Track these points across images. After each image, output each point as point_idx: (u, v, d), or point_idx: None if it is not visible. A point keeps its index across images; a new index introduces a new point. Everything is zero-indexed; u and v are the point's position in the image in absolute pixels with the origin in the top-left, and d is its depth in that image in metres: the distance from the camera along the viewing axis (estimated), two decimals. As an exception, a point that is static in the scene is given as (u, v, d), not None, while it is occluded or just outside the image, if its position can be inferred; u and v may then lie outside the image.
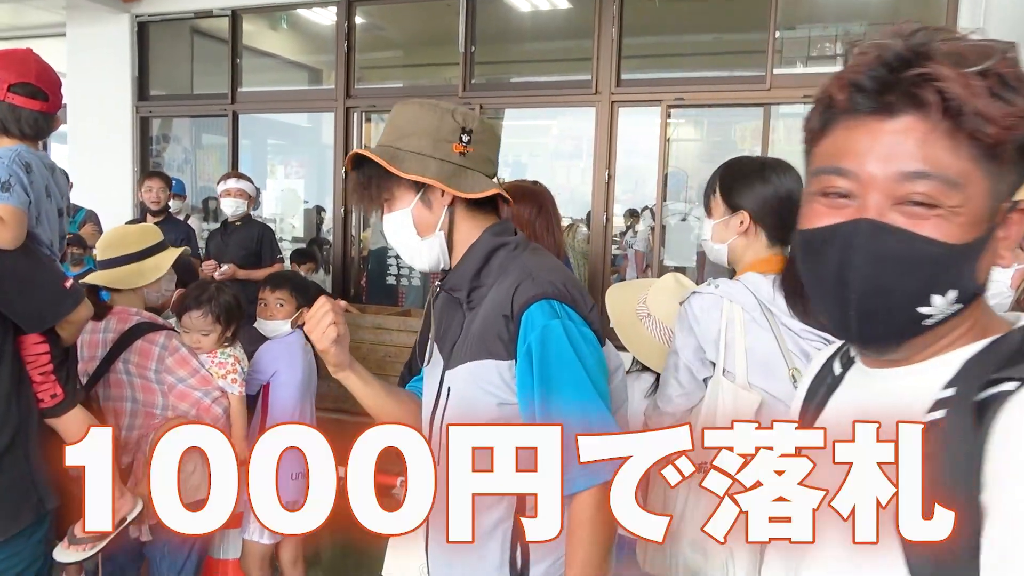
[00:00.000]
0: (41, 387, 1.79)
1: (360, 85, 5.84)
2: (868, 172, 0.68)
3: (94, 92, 6.38)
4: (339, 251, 5.88)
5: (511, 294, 1.27)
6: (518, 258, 1.34)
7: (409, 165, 1.31)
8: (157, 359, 2.32)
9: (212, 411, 2.37)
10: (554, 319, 1.24)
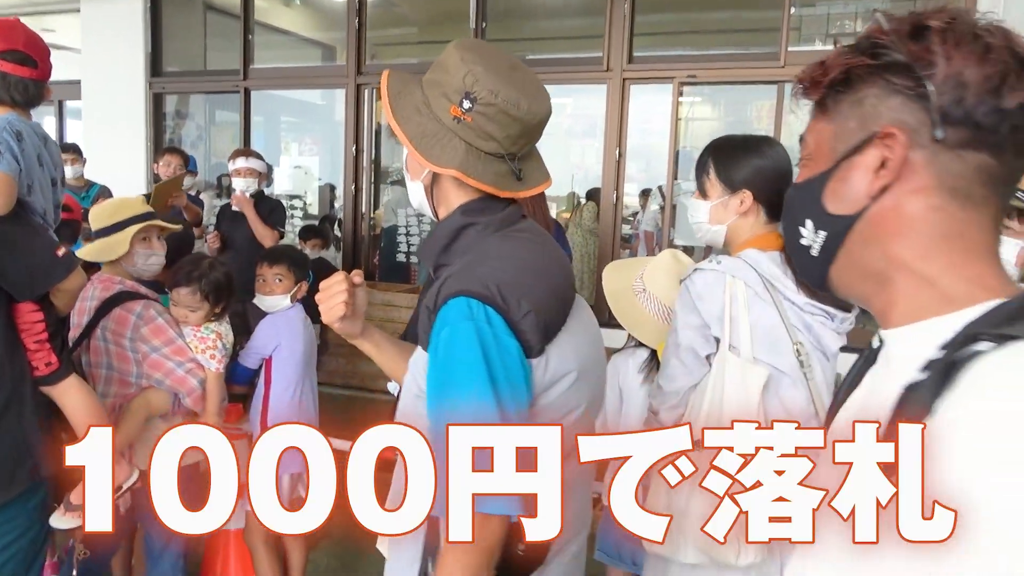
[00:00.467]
0: (36, 355, 1.80)
1: (373, 62, 5.83)
2: None
3: (108, 68, 6.41)
4: (350, 229, 5.89)
5: (441, 284, 1.20)
6: (482, 243, 1.26)
7: (400, 108, 1.25)
8: (132, 327, 2.33)
9: (186, 382, 2.38)
10: (467, 320, 1.13)
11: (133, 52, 6.33)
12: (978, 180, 0.69)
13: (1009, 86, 0.66)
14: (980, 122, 0.67)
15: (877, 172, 0.71)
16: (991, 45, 0.66)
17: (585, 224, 6.33)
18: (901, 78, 0.69)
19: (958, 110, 0.67)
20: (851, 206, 0.73)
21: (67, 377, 1.86)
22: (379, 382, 4.72)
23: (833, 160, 0.74)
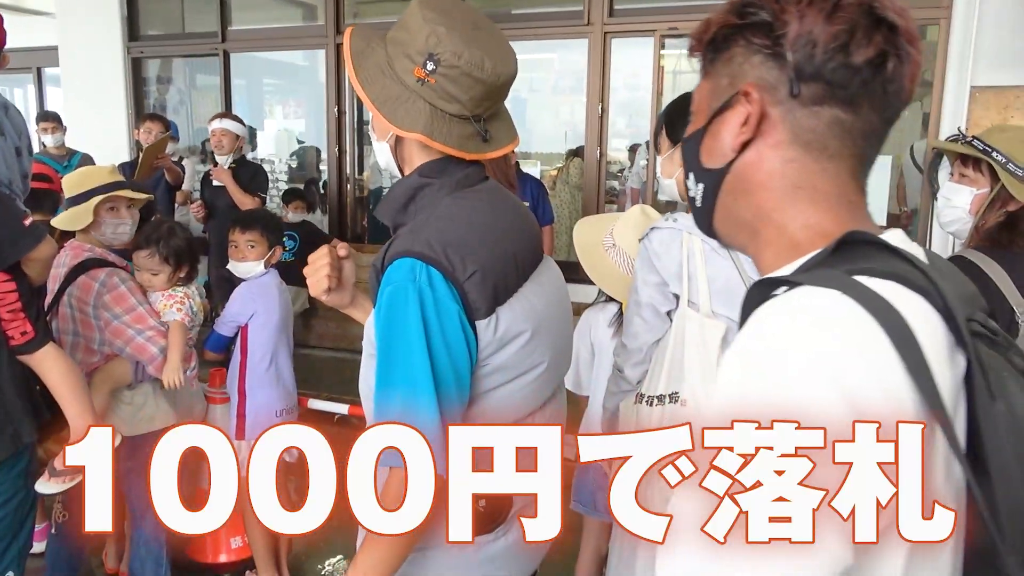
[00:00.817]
0: (10, 325, 1.81)
1: (354, 21, 5.73)
2: None
3: (84, 33, 6.30)
4: (335, 191, 5.86)
5: (388, 244, 1.22)
6: (434, 204, 1.26)
7: (363, 68, 1.24)
8: (96, 295, 2.35)
9: (146, 350, 2.39)
10: (409, 282, 1.15)
11: (109, 16, 6.22)
12: (832, 133, 0.71)
13: (856, 43, 0.68)
14: (831, 79, 0.69)
15: (741, 128, 0.74)
16: (840, 3, 0.68)
17: (572, 180, 6.30)
18: (760, 37, 0.72)
19: (810, 67, 0.69)
20: (720, 160, 0.77)
21: (44, 346, 1.88)
22: (368, 344, 4.74)
23: (707, 118, 0.77)
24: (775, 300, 0.65)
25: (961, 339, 0.64)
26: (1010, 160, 1.77)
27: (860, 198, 0.76)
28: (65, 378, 1.91)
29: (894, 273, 0.65)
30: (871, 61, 0.68)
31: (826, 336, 0.60)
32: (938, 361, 0.62)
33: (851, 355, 0.59)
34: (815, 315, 0.61)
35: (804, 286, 0.64)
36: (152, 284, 2.51)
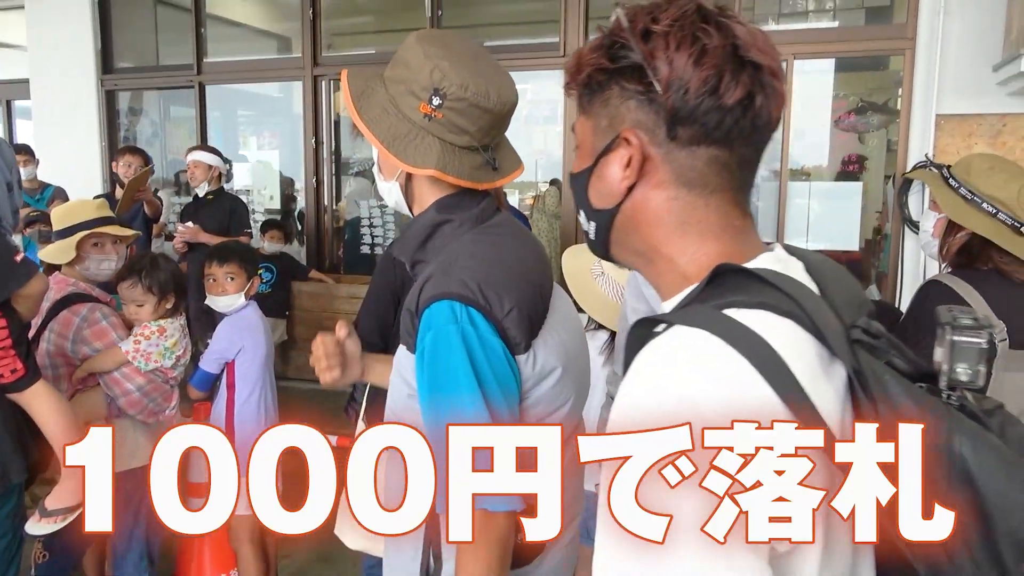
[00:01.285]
0: (1, 363, 1.79)
1: (329, 53, 5.77)
2: None
3: (57, 66, 6.26)
4: (312, 222, 5.86)
5: (420, 288, 1.20)
6: (457, 240, 1.25)
7: (368, 109, 1.24)
8: (75, 329, 2.32)
9: (121, 384, 2.37)
10: (451, 324, 1.13)
11: (82, 48, 6.19)
12: (711, 170, 0.75)
13: (725, 86, 0.71)
14: (704, 120, 0.72)
15: (625, 171, 0.77)
16: (706, 48, 0.71)
17: (549, 209, 6.36)
18: (633, 82, 0.74)
19: (684, 110, 0.72)
20: (609, 201, 0.80)
21: (34, 383, 1.86)
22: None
23: (592, 158, 0.80)
24: (653, 343, 0.68)
25: (835, 352, 0.68)
26: (962, 184, 1.82)
27: (745, 221, 0.80)
28: (55, 415, 1.88)
29: (761, 302, 0.69)
30: (740, 101, 0.72)
31: (697, 378, 0.64)
32: (812, 379, 0.66)
33: (721, 393, 0.63)
34: (686, 357, 0.65)
35: (676, 326, 0.68)
36: (139, 316, 2.47)
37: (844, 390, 0.69)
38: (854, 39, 4.64)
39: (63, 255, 2.39)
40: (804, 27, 5.42)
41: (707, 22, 0.72)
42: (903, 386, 0.68)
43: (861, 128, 5.23)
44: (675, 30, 0.72)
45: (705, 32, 0.71)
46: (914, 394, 0.68)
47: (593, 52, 0.77)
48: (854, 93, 5.44)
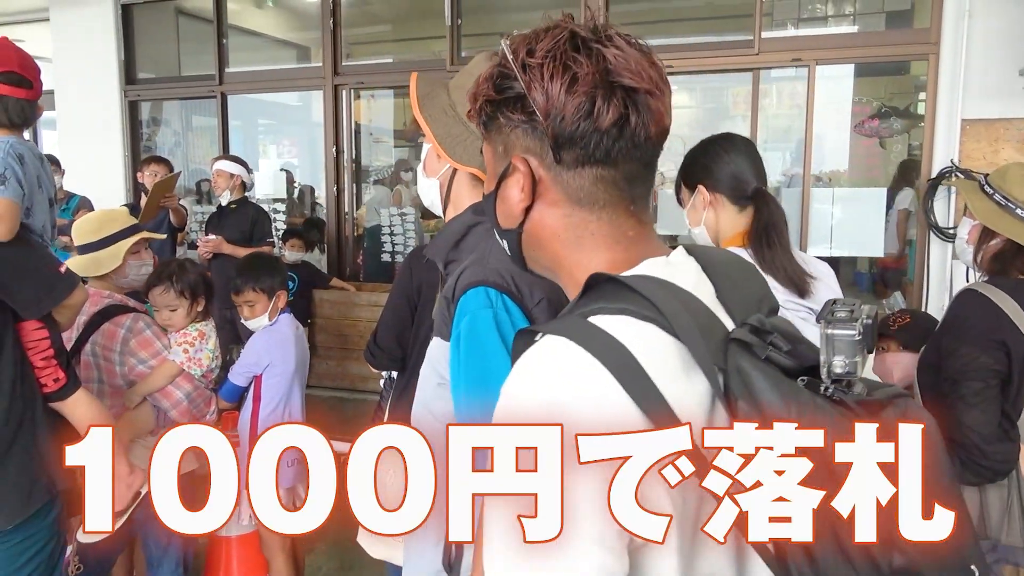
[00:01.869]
0: (43, 372, 1.81)
1: (348, 62, 5.81)
2: None
3: (81, 77, 6.34)
4: (333, 230, 5.89)
5: (457, 277, 1.27)
6: (490, 239, 1.28)
7: (428, 108, 1.35)
8: (121, 340, 2.34)
9: (172, 395, 2.39)
10: (486, 308, 1.20)
11: (106, 60, 6.27)
12: (598, 188, 0.80)
13: (598, 110, 0.75)
14: (584, 144, 0.77)
15: (520, 193, 0.82)
16: (577, 76, 0.75)
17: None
18: (516, 112, 0.79)
19: (563, 135, 0.77)
20: (512, 221, 0.86)
21: (75, 391, 1.88)
22: (368, 383, 4.73)
23: (495, 182, 0.86)
24: (529, 351, 0.73)
25: (696, 356, 0.72)
26: (997, 191, 1.81)
27: (640, 230, 0.84)
28: (96, 423, 1.90)
29: (623, 308, 0.73)
30: (615, 123, 0.76)
31: (559, 384, 0.69)
32: (672, 380, 0.70)
33: (581, 398, 0.67)
34: (550, 365, 0.71)
35: (546, 335, 0.73)
36: (172, 322, 2.50)
37: (710, 391, 0.72)
38: (876, 44, 4.61)
39: (111, 262, 2.42)
40: (825, 32, 5.39)
41: (578, 51, 0.76)
42: (772, 382, 0.71)
43: (883, 133, 5.20)
44: (548, 60, 0.76)
45: (575, 61, 0.75)
46: (783, 390, 0.70)
47: (484, 83, 0.82)
48: (875, 98, 5.41)
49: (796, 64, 4.65)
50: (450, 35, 5.32)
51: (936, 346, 1.91)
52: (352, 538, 1.72)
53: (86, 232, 2.46)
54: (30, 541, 1.77)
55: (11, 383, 1.74)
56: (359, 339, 5.00)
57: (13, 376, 1.74)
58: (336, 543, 3.87)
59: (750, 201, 1.73)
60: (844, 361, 0.72)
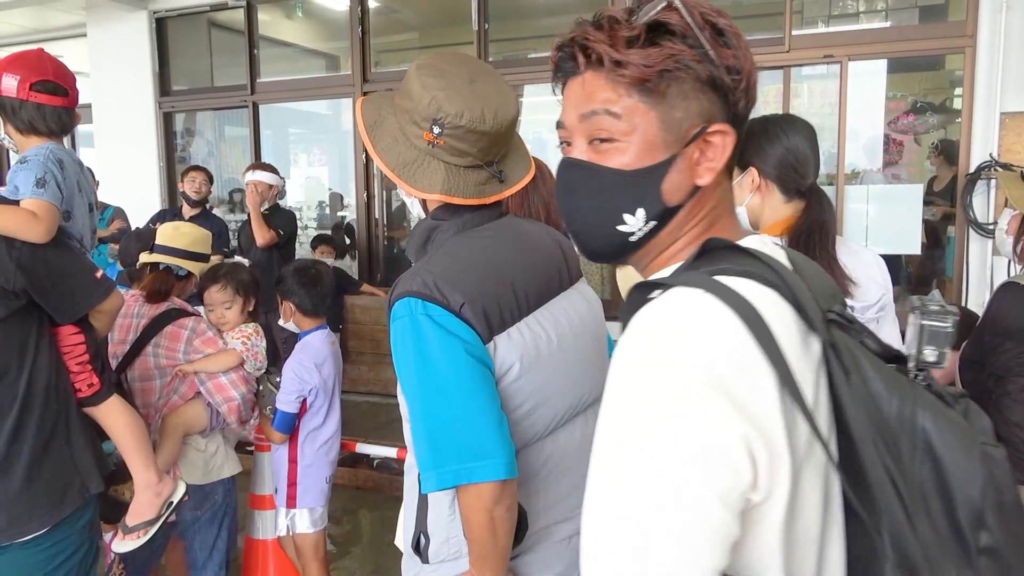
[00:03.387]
0: (78, 377, 1.84)
1: (377, 69, 5.86)
2: (567, 119, 0.83)
3: (117, 90, 6.48)
4: (363, 236, 5.93)
5: (393, 288, 1.32)
6: (443, 244, 1.36)
7: (380, 140, 1.35)
8: (186, 341, 2.41)
9: (227, 391, 2.46)
10: (406, 319, 1.25)
11: (141, 73, 6.40)
12: (733, 154, 0.81)
13: (743, 61, 0.78)
14: (744, 109, 0.80)
15: (708, 163, 0.79)
16: (722, 29, 0.77)
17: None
18: (707, 70, 0.76)
19: (743, 101, 0.79)
20: (682, 196, 0.80)
21: (109, 397, 1.91)
22: (401, 387, 4.75)
23: (664, 150, 0.78)
24: (652, 303, 0.71)
25: (812, 325, 0.71)
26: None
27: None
28: (129, 430, 1.93)
29: (747, 271, 0.72)
30: (750, 77, 0.79)
31: (700, 330, 0.67)
32: (791, 345, 0.69)
33: (715, 342, 0.67)
34: (688, 312, 0.69)
35: (674, 287, 0.71)
36: (226, 319, 2.57)
37: (819, 363, 0.73)
38: (910, 38, 4.53)
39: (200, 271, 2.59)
40: (858, 28, 5.31)
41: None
42: (873, 362, 0.72)
43: (919, 129, 5.10)
44: (729, 23, 0.77)
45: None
46: (883, 371, 0.72)
47: (671, 43, 0.76)
48: (910, 94, 5.32)
49: (828, 61, 4.59)
50: (477, 40, 5.34)
51: (978, 342, 1.87)
52: (389, 541, 1.73)
53: (198, 242, 2.57)
54: (62, 545, 1.78)
55: (46, 386, 1.76)
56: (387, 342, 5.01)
57: (48, 379, 1.76)
58: (370, 545, 3.89)
59: (801, 195, 1.68)
60: (935, 351, 0.76)
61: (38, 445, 1.74)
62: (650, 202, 0.79)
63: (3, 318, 1.66)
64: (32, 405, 1.73)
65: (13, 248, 1.66)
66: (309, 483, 2.69)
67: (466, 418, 1.21)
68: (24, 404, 1.71)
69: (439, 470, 1.21)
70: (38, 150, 1.84)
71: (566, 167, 0.83)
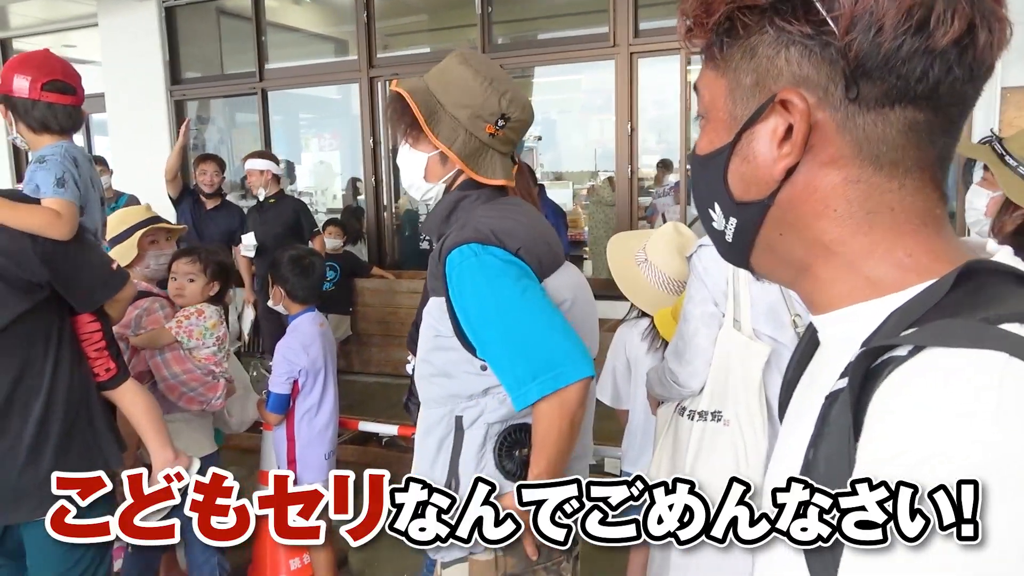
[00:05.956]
0: (96, 362, 1.94)
1: (384, 53, 5.90)
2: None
3: (129, 79, 6.57)
4: (372, 219, 6.00)
5: (443, 241, 1.42)
6: (474, 209, 1.46)
7: (442, 129, 1.45)
8: (135, 319, 2.46)
9: (161, 371, 2.48)
10: (471, 258, 1.35)
11: (152, 62, 6.49)
12: (909, 141, 0.55)
13: (937, 18, 0.51)
14: (904, 71, 0.53)
15: (781, 145, 0.58)
16: None
17: (604, 199, 6.38)
18: (798, 22, 0.54)
19: (874, 58, 0.53)
20: (759, 190, 0.60)
21: (125, 381, 2.00)
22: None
23: (731, 130, 0.60)
24: (921, 377, 0.48)
25: None
26: (1021, 163, 1.76)
27: (945, 209, 0.59)
28: (147, 412, 2.03)
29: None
30: (958, 40, 0.52)
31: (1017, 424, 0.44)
32: None
33: None
34: (1002, 389, 0.45)
35: (940, 348, 0.48)
36: (185, 292, 2.57)
37: None
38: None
39: (126, 255, 2.55)
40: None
41: None
42: None
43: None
44: None
45: None
46: None
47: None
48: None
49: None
50: (481, 23, 5.37)
51: None
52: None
53: (111, 228, 2.59)
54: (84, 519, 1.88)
55: (69, 374, 1.86)
56: (400, 326, 5.10)
57: (71, 364, 1.87)
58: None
59: None
60: None
61: (64, 429, 1.84)
62: (719, 194, 0.62)
63: (29, 310, 1.77)
64: (57, 391, 1.83)
65: (36, 243, 1.76)
66: (308, 460, 2.80)
67: (551, 329, 1.33)
68: (50, 391, 1.82)
69: (538, 379, 1.30)
70: (54, 149, 1.92)
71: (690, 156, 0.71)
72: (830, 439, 0.54)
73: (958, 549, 0.44)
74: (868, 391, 0.51)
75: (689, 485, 0.60)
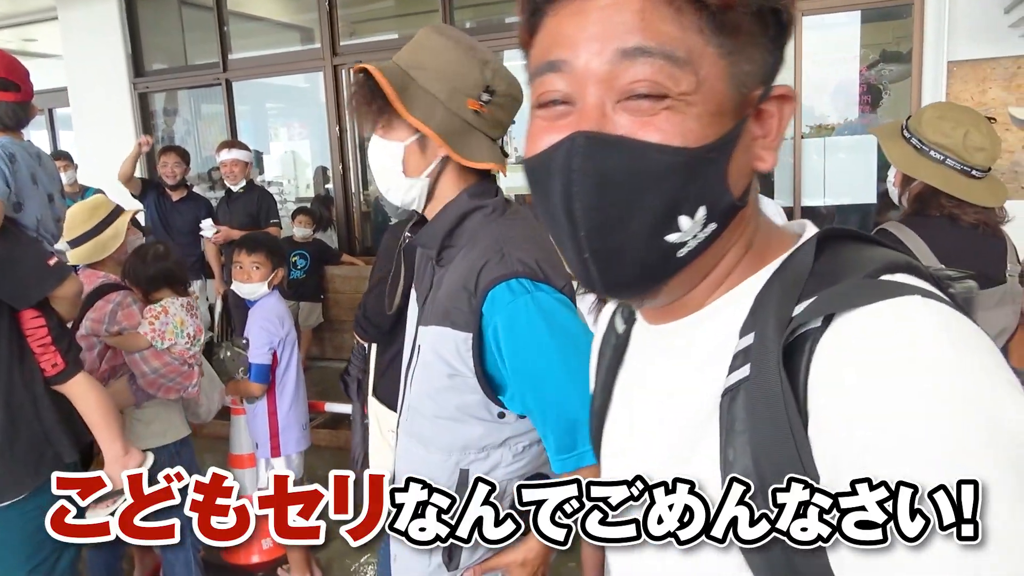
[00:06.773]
0: (42, 357, 1.95)
1: (349, 41, 5.90)
2: (582, 59, 0.54)
3: (92, 72, 6.52)
4: (341, 207, 6.02)
5: (478, 269, 1.21)
6: (491, 224, 1.26)
7: (417, 106, 1.22)
8: (109, 314, 2.49)
9: (139, 366, 2.53)
10: (524, 296, 1.18)
11: (114, 54, 6.43)
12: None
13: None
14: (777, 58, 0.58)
15: (771, 138, 0.57)
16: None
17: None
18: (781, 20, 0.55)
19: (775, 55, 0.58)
20: (743, 186, 0.57)
21: (74, 376, 2.00)
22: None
23: (733, 117, 0.54)
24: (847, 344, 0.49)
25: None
26: (914, 135, 1.84)
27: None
28: (97, 406, 2.03)
29: (909, 264, 0.53)
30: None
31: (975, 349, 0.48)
32: None
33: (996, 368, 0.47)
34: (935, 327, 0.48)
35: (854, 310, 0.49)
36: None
37: None
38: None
39: (115, 241, 2.60)
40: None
41: None
42: None
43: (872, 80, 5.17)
44: None
45: None
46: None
47: None
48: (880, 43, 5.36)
49: (833, 9, 4.62)
50: (444, 6, 5.38)
51: None
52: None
53: (78, 224, 2.60)
54: (38, 512, 1.89)
55: (7, 366, 1.88)
56: (371, 312, 5.14)
57: (10, 359, 1.88)
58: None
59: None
60: None
61: (9, 421, 1.87)
62: (715, 194, 0.54)
63: None
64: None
65: None
66: (291, 431, 2.93)
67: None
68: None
69: (584, 446, 1.15)
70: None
71: (594, 147, 0.53)
72: (756, 432, 0.52)
73: (958, 549, 0.44)
74: (794, 371, 0.50)
75: (689, 485, 0.57)
